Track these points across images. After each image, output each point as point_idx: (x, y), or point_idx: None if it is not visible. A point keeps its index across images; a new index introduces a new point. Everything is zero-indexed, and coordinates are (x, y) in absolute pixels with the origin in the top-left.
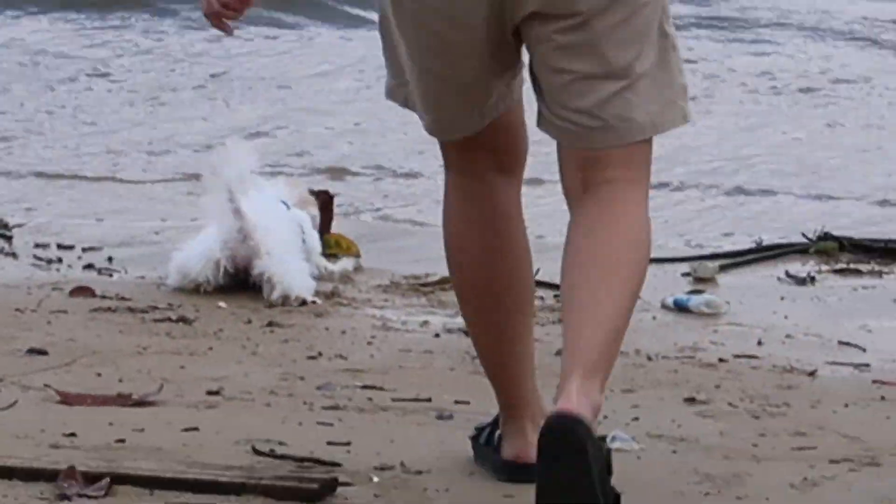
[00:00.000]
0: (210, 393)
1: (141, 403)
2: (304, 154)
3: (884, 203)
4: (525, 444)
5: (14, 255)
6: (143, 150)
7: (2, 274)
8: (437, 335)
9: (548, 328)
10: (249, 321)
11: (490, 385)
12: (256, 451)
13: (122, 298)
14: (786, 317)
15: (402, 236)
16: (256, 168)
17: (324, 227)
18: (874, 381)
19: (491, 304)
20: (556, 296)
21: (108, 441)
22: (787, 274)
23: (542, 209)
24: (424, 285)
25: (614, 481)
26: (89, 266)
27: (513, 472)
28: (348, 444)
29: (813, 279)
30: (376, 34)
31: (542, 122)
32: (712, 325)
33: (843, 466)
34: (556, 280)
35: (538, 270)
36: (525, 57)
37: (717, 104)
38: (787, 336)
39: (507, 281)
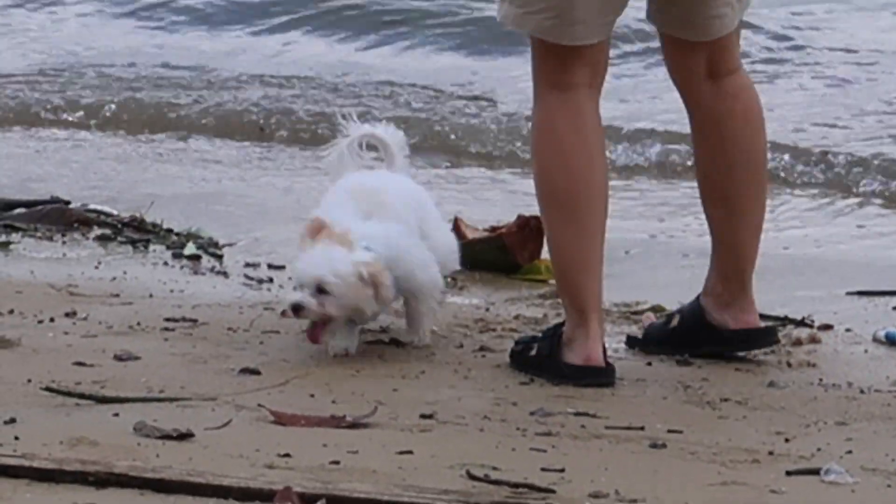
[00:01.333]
0: (423, 416)
1: (355, 425)
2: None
3: None
4: (595, 348)
5: (225, 273)
6: None
7: (214, 293)
8: (649, 363)
9: (759, 359)
10: (461, 345)
11: (569, 303)
12: (471, 476)
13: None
14: None
15: (609, 264)
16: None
17: (534, 253)
18: None
19: (592, 207)
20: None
21: (322, 462)
22: None
23: None
24: (635, 313)
25: None
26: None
27: (584, 374)
28: (562, 470)
29: None
30: None
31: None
32: None
33: None
34: None
35: None
36: None
37: None
38: None
39: (603, 183)
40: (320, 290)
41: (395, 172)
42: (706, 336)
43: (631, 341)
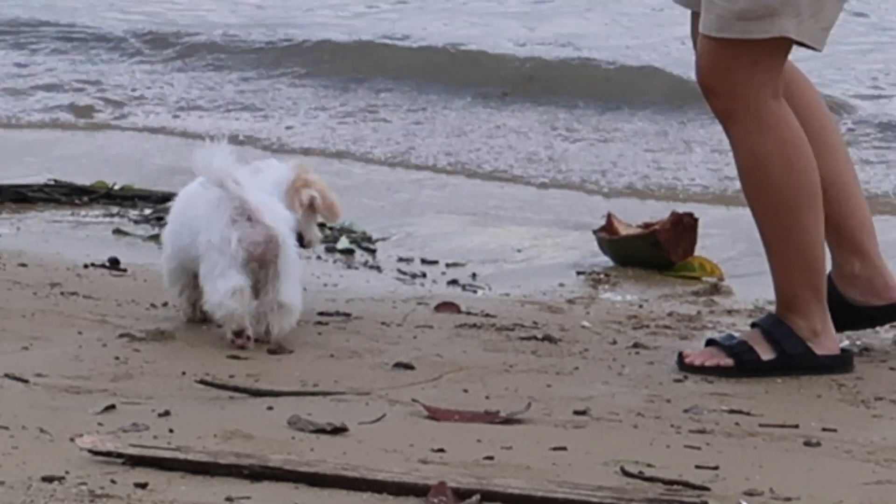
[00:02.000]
0: (577, 413)
1: (508, 421)
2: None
3: None
4: (833, 335)
5: (378, 268)
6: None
7: (367, 287)
8: None
9: None
10: (615, 342)
11: (815, 297)
12: (626, 473)
13: (487, 315)
14: None
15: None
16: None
17: (688, 250)
18: None
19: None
20: None
21: (476, 458)
22: None
23: None
24: None
25: None
26: (453, 282)
27: (844, 361)
28: (716, 468)
29: None
30: None
31: None
32: None
33: None
34: None
35: None
36: None
37: None
38: None
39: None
40: None
41: None
42: (851, 315)
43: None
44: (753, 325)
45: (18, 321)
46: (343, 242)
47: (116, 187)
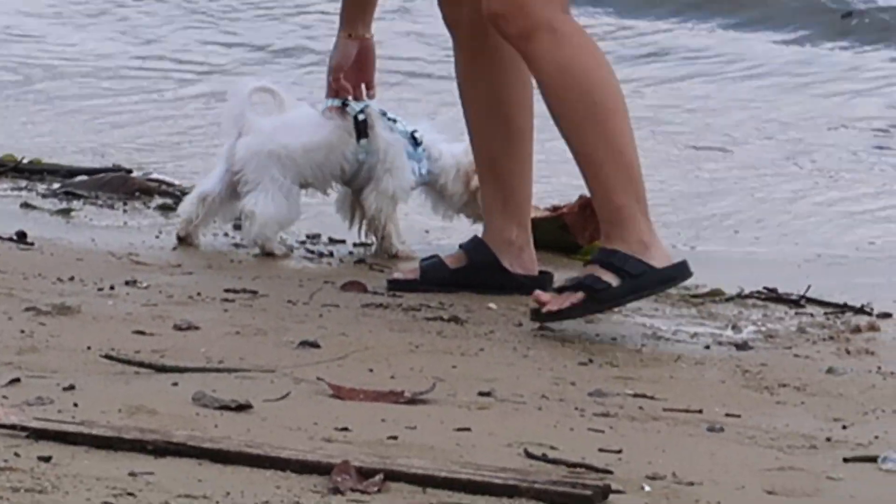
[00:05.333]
0: (482, 394)
1: (413, 401)
2: None
3: None
4: (662, 244)
5: (287, 247)
6: None
7: (274, 265)
8: (707, 347)
9: (818, 345)
10: (520, 324)
11: (640, 209)
12: (529, 455)
13: (394, 295)
14: None
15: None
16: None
17: (595, 234)
18: None
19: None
20: (825, 313)
21: (380, 437)
22: None
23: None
24: (695, 297)
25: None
26: (360, 261)
27: (682, 271)
28: (620, 451)
29: None
30: None
31: None
32: None
33: None
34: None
35: (808, 287)
36: None
37: None
38: None
39: None
40: None
41: None
42: (500, 279)
43: (394, 284)
44: (587, 263)
45: None
46: None
47: (25, 161)
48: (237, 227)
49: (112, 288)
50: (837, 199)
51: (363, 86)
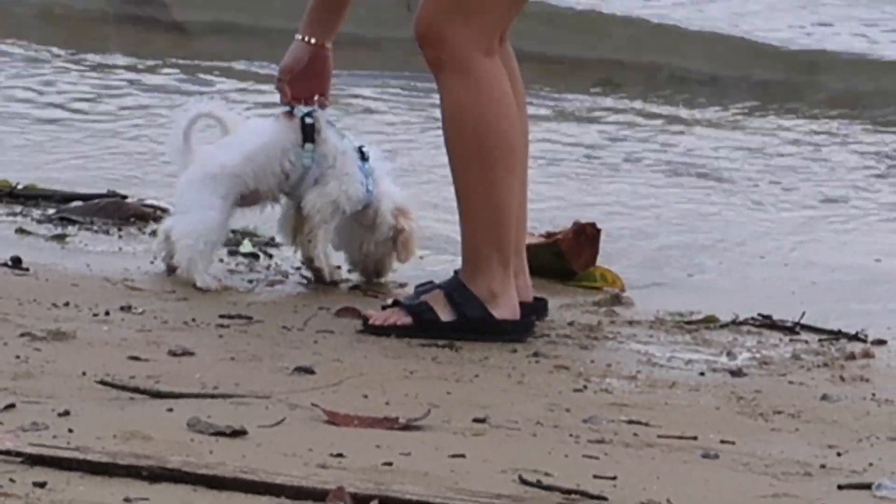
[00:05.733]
0: (476, 420)
1: (408, 427)
2: None
3: None
4: (516, 301)
5: (282, 273)
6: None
7: (269, 291)
8: (702, 373)
9: (813, 372)
10: (515, 350)
11: (498, 259)
12: (523, 481)
13: None
14: None
15: (662, 270)
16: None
17: (590, 260)
18: None
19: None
20: (820, 340)
21: (375, 463)
22: None
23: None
24: (689, 323)
25: None
26: (355, 287)
27: (523, 328)
28: (614, 478)
29: None
30: None
31: None
32: None
33: None
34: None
35: (803, 314)
36: None
37: None
38: None
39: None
40: None
41: None
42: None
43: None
44: (437, 287)
45: None
46: (246, 246)
47: (20, 187)
48: (232, 253)
49: (107, 313)
50: (833, 225)
51: (315, 95)
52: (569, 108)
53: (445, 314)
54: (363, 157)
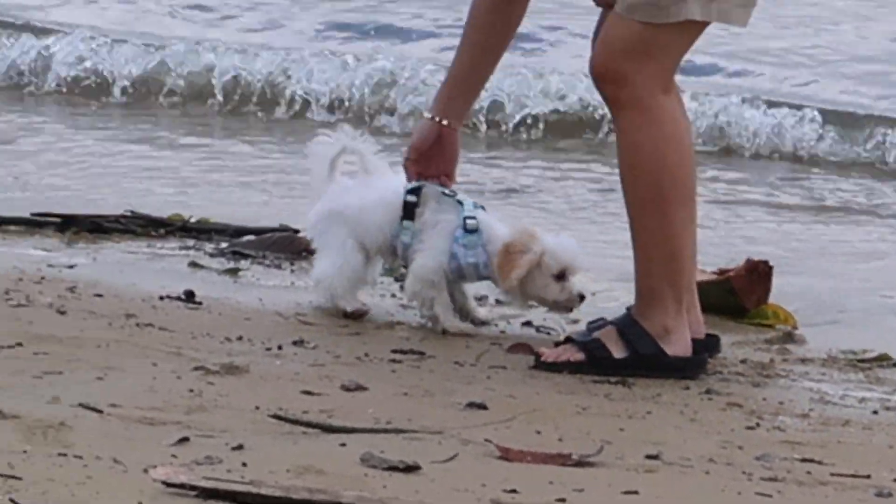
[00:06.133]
0: (649, 457)
1: (581, 463)
2: None
3: None
4: (689, 337)
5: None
6: None
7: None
8: (875, 412)
9: None
10: (688, 387)
11: (673, 295)
12: None
13: None
14: None
15: (833, 308)
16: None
17: (762, 298)
18: None
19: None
20: None
21: (548, 499)
22: None
23: None
24: (862, 361)
25: None
26: (527, 323)
27: (693, 365)
28: None
29: None
30: None
31: None
32: None
33: None
34: None
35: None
36: None
37: None
38: None
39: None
40: None
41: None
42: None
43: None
44: (609, 323)
45: (93, 351)
46: None
47: (192, 220)
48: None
49: (280, 348)
50: None
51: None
52: None
53: (618, 351)
54: (467, 228)
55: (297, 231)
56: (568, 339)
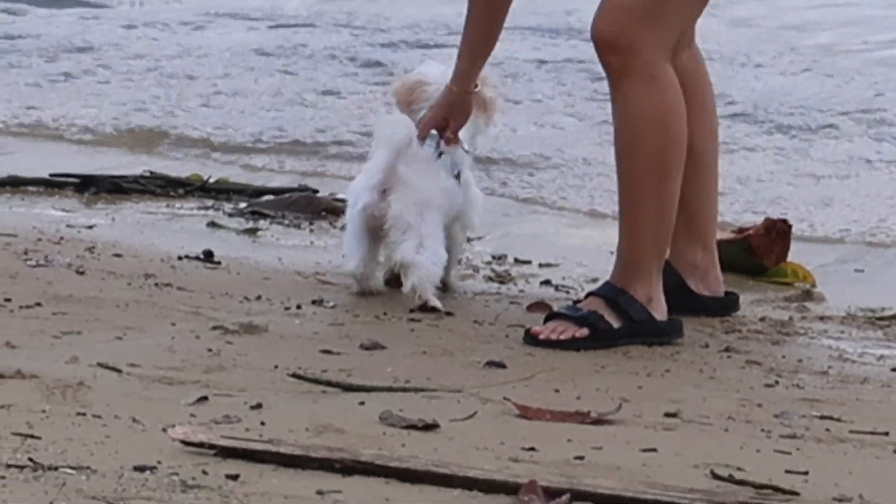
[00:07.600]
0: (668, 415)
1: (599, 421)
2: None
3: None
4: (663, 300)
5: (472, 266)
6: None
7: (460, 285)
8: (893, 369)
9: None
10: (706, 345)
11: (657, 264)
12: (715, 476)
13: None
14: None
15: (851, 265)
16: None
17: (781, 256)
18: None
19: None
20: None
21: (567, 457)
22: None
23: None
24: (881, 319)
25: None
26: (546, 282)
27: (676, 327)
28: (806, 473)
29: None
30: None
31: None
32: None
33: None
34: None
35: None
36: None
37: None
38: None
39: None
40: None
41: None
42: (686, 301)
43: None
44: (591, 294)
45: (112, 311)
46: None
47: (211, 180)
48: None
49: (299, 307)
50: None
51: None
52: None
53: (614, 320)
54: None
55: (315, 191)
56: (556, 315)
